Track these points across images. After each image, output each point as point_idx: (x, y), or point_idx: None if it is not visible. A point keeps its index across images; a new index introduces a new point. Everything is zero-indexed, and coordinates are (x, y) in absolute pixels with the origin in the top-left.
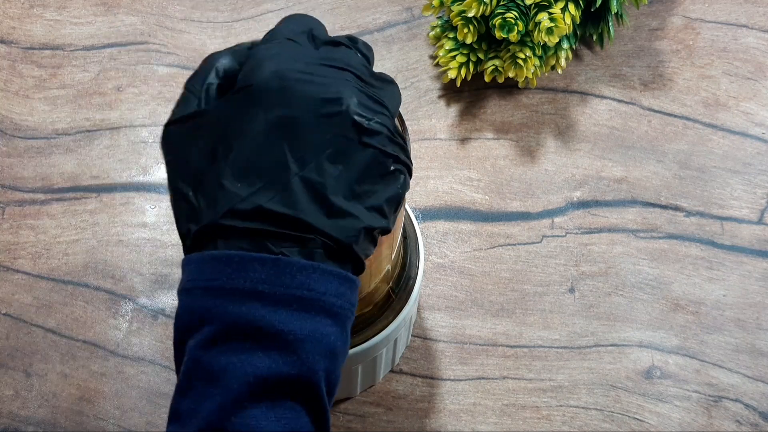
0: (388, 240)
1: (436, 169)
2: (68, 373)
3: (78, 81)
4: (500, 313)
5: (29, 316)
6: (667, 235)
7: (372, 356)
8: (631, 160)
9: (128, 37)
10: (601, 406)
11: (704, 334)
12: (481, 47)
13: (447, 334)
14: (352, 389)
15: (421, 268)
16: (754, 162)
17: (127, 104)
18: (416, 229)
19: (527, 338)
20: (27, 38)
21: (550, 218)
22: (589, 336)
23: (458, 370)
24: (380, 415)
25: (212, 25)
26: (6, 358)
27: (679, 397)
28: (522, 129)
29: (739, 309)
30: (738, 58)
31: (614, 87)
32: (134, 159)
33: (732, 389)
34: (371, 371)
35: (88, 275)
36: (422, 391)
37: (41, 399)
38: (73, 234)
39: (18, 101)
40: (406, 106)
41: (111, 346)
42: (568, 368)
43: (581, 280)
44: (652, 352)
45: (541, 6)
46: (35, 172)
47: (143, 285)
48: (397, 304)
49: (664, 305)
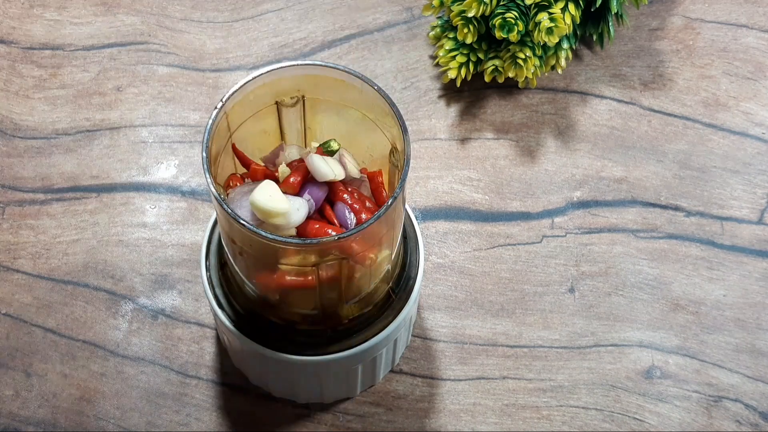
0: (388, 240)
1: (436, 169)
2: (68, 373)
3: (78, 81)
4: (500, 313)
5: (29, 316)
6: (667, 235)
7: (372, 356)
8: (631, 160)
9: (128, 37)
10: (601, 406)
11: (704, 334)
12: (481, 47)
13: (447, 334)
14: (352, 389)
15: (421, 268)
16: (754, 162)
17: (127, 104)
18: (416, 229)
19: (527, 338)
20: (27, 38)
21: (550, 218)
22: (589, 336)
23: (458, 370)
24: (380, 415)
25: (212, 25)
26: (6, 358)
27: (679, 397)
28: (522, 129)
29: (739, 309)
30: (738, 58)
31: (614, 87)
32: (134, 159)
33: (732, 389)
34: (371, 371)
35: (88, 275)
36: (422, 391)
37: (41, 399)
38: (73, 234)
39: (18, 101)
40: (406, 106)
41: (111, 346)
42: (568, 368)
43: (581, 280)
44: (652, 352)
45: (541, 6)
46: (35, 172)
47: (143, 285)
48: (397, 304)
49: (664, 305)
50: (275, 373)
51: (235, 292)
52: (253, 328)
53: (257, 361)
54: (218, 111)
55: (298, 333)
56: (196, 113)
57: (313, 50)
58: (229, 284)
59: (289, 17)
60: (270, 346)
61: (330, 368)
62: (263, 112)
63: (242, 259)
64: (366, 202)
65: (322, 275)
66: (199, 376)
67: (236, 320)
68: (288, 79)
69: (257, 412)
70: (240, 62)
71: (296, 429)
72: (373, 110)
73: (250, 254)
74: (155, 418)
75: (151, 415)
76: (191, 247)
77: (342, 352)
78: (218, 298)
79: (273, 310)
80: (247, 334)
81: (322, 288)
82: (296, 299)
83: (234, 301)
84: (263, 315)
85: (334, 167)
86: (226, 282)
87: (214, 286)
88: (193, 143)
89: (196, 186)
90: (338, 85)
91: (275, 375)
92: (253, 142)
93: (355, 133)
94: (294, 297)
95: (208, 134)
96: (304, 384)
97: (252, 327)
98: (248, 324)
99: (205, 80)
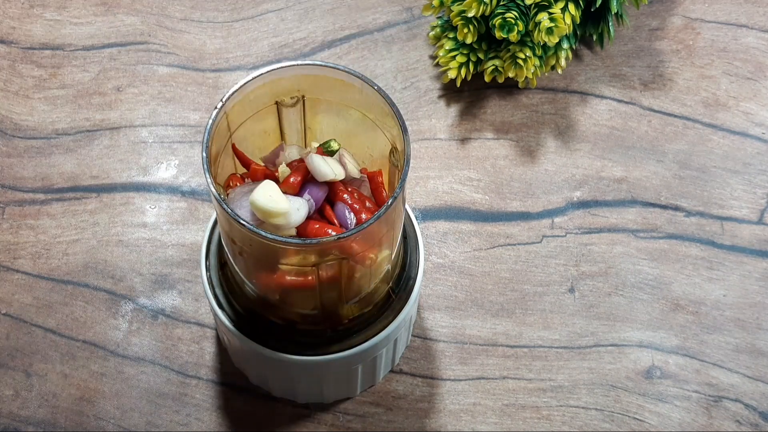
0: (388, 240)
1: (436, 169)
2: (68, 373)
3: (78, 81)
4: (500, 313)
5: (29, 316)
6: (667, 235)
7: (372, 356)
8: (631, 160)
9: (128, 37)
10: (601, 406)
11: (704, 334)
12: (481, 47)
13: (447, 334)
14: (352, 389)
15: (421, 268)
16: (754, 162)
17: (127, 104)
18: (416, 229)
19: (527, 338)
20: (27, 38)
21: (550, 218)
22: (589, 336)
23: (458, 370)
24: (380, 415)
25: (212, 25)
26: (6, 358)
27: (679, 397)
28: (522, 129)
29: (739, 309)
30: (738, 58)
31: (614, 87)
32: (134, 159)
33: (732, 389)
34: (371, 371)
35: (88, 275)
36: (422, 391)
37: (41, 399)
38: (73, 234)
39: (18, 101)
40: (406, 107)
41: (111, 346)
42: (568, 368)
43: (581, 280)
44: (652, 352)
45: (541, 6)
46: (35, 172)
47: (143, 285)
48: (397, 304)
49: (664, 305)
50: (275, 372)
51: (235, 292)
52: (253, 328)
53: (257, 361)
54: (218, 111)
55: (298, 333)
56: (196, 113)
57: (313, 50)
58: (229, 284)
59: (289, 17)
60: (270, 346)
61: (330, 368)
62: (263, 112)
63: (242, 259)
64: (366, 202)
65: (322, 275)
66: (199, 376)
67: (236, 320)
68: (288, 79)
69: (257, 412)
70: (240, 62)
71: (296, 429)
72: (373, 110)
73: (250, 254)
74: (155, 418)
75: (151, 415)
76: (191, 247)
77: (342, 352)
78: (218, 298)
79: (273, 310)
80: (247, 334)
81: (322, 288)
82: (296, 299)
83: (234, 301)
84: (263, 315)
85: (334, 167)
86: (226, 282)
87: (214, 286)
88: (193, 143)
89: (196, 186)
90: (338, 85)
91: (275, 375)
92: (253, 142)
93: (355, 133)
94: (294, 297)
95: (208, 134)
96: (304, 384)
97: (252, 327)
98: (248, 324)
99: (205, 80)
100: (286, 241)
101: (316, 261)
